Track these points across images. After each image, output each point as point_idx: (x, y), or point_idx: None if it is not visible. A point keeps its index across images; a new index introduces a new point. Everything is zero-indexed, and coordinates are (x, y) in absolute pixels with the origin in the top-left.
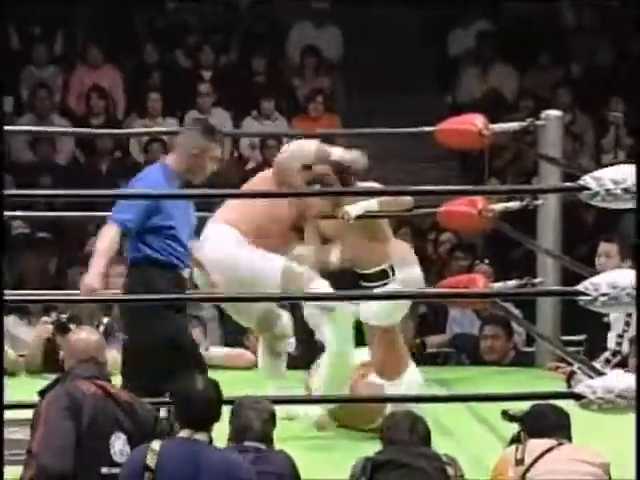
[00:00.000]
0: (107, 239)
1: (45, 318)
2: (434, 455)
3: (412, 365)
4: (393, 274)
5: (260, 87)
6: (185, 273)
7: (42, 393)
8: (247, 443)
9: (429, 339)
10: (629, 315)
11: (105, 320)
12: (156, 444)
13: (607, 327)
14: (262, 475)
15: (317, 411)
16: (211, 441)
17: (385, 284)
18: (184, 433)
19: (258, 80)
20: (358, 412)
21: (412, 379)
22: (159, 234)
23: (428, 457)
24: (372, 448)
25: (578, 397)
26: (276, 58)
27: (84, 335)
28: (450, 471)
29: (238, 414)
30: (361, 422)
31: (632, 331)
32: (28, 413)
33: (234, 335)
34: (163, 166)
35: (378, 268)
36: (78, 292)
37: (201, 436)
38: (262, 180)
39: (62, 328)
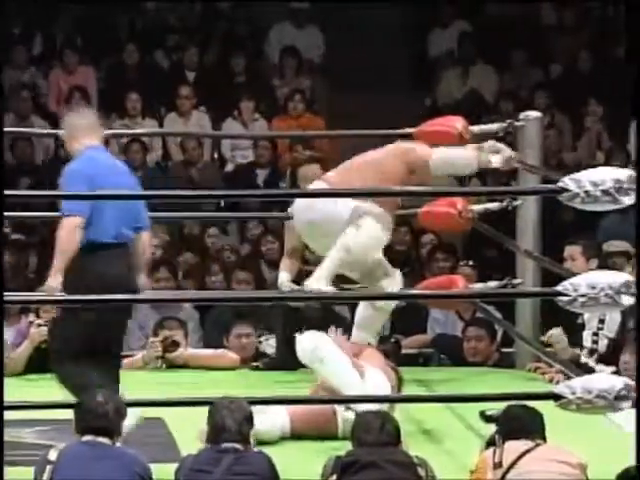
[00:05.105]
0: None
1: (36, 320)
2: (404, 455)
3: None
4: None
5: (240, 88)
6: None
7: None
8: (225, 445)
9: (409, 339)
10: (604, 313)
11: None
12: (61, 444)
13: (582, 326)
14: (242, 476)
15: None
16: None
17: None
18: (86, 438)
19: (238, 81)
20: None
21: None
22: None
23: (398, 457)
24: (344, 448)
25: (557, 397)
26: (256, 59)
27: None
28: (421, 472)
29: (213, 415)
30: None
31: (607, 329)
32: (22, 414)
33: (214, 336)
34: None
35: None
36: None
37: (103, 439)
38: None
39: None
